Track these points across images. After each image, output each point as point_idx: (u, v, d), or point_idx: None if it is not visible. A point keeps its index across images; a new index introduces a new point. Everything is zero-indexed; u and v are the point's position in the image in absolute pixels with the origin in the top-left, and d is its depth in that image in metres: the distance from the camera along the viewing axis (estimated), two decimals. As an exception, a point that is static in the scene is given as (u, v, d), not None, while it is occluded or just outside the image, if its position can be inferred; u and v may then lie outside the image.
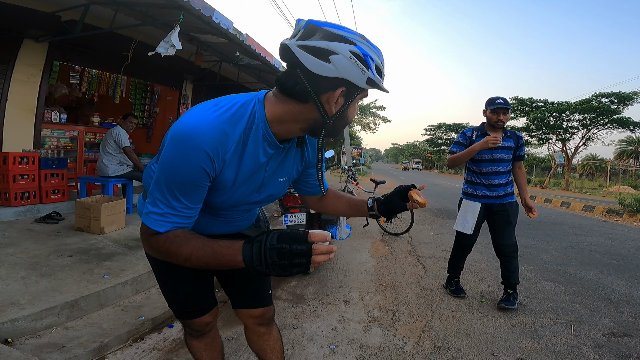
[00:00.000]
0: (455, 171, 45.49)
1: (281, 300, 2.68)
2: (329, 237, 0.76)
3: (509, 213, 2.70)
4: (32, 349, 1.73)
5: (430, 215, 7.25)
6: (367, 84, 0.80)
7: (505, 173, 2.72)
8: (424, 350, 2.07)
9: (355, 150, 25.34)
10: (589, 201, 10.99)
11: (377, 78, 0.81)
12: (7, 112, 4.16)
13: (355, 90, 0.82)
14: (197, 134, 0.78)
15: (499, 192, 2.70)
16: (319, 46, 0.76)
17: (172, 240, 0.83)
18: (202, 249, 0.81)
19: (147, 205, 0.85)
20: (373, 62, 0.80)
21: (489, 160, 2.69)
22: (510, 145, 2.70)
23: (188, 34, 4.63)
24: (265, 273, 0.74)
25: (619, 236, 5.98)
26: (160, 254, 0.87)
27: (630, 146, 30.79)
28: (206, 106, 0.84)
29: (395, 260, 3.88)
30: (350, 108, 0.86)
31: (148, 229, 0.85)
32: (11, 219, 3.69)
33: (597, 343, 2.21)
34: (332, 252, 0.73)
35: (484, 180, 2.73)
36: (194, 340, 1.29)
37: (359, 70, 0.78)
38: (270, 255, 0.72)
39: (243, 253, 0.76)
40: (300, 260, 0.72)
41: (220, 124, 0.81)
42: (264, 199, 1.04)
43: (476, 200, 2.77)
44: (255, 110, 0.86)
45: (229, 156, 0.84)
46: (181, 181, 0.81)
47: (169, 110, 7.32)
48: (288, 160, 1.01)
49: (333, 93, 0.81)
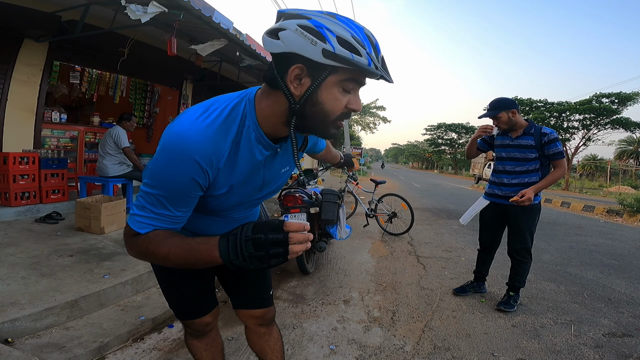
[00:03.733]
0: (455, 171, 45.54)
1: (281, 300, 2.68)
2: (307, 227, 0.73)
3: (519, 217, 2.58)
4: (32, 349, 1.73)
5: (430, 215, 7.25)
6: (326, 57, 0.71)
7: (520, 173, 2.57)
8: (424, 350, 2.07)
9: (355, 150, 25.32)
10: (589, 201, 10.99)
11: (341, 51, 0.71)
12: (7, 112, 4.16)
13: (317, 66, 0.73)
14: (188, 143, 0.75)
15: (509, 192, 2.59)
16: (273, 27, 0.75)
17: (152, 239, 0.80)
18: (179, 246, 0.78)
19: (133, 207, 0.83)
20: (333, 35, 0.71)
21: (502, 158, 2.65)
22: (529, 143, 2.54)
23: (188, 35, 4.63)
24: (243, 266, 0.72)
25: (619, 236, 5.98)
26: (140, 255, 0.84)
27: (630, 146, 30.79)
28: (197, 112, 0.80)
29: (395, 260, 3.87)
30: (322, 91, 0.76)
31: (130, 230, 0.83)
32: (11, 219, 3.69)
33: (597, 343, 2.21)
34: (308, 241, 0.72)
35: (496, 178, 2.71)
36: (194, 340, 1.28)
37: (307, 42, 0.71)
38: (246, 247, 0.71)
39: (219, 247, 0.74)
40: (277, 250, 0.70)
41: (212, 132, 0.78)
42: (266, 195, 1.02)
43: (486, 197, 2.77)
44: (246, 111, 0.84)
45: (222, 163, 0.82)
46: (170, 192, 0.78)
47: (169, 110, 7.32)
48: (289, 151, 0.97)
49: (290, 70, 0.75)
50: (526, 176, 2.58)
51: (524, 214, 2.58)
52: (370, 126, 40.17)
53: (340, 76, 0.75)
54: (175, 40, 3.76)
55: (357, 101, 0.80)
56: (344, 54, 0.71)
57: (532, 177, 2.57)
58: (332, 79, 0.75)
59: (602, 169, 27.08)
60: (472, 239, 5.05)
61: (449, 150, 45.52)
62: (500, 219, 2.74)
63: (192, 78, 7.05)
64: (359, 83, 0.78)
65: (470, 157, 2.95)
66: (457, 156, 44.17)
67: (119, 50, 4.48)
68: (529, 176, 2.57)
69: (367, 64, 0.72)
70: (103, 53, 5.03)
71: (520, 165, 2.57)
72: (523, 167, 2.57)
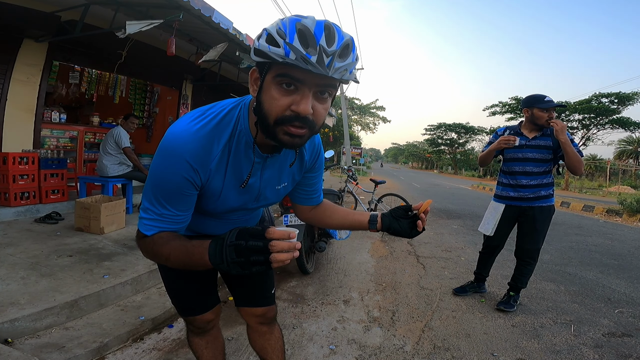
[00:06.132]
0: (455, 171, 45.55)
1: (281, 300, 2.68)
2: (293, 234, 0.70)
3: (536, 218, 2.55)
4: (32, 349, 1.73)
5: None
6: (255, 55, 0.73)
7: (538, 174, 2.53)
8: (424, 350, 2.07)
9: (355, 150, 25.34)
10: (589, 201, 10.99)
11: (262, 46, 0.70)
12: (7, 112, 4.16)
13: (260, 67, 0.76)
14: (179, 144, 0.80)
15: (526, 193, 2.55)
16: None
17: (156, 241, 0.85)
18: (178, 249, 0.82)
19: (140, 211, 0.88)
20: (266, 33, 0.71)
21: (518, 159, 2.58)
22: (547, 144, 2.51)
23: (188, 35, 4.63)
24: (228, 271, 0.72)
25: (619, 236, 5.99)
26: (149, 255, 0.89)
27: (630, 146, 30.82)
28: (193, 115, 0.84)
29: (395, 260, 3.87)
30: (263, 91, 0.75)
31: (139, 232, 0.89)
32: (11, 219, 3.69)
33: (597, 343, 2.21)
34: (295, 250, 0.69)
35: (510, 180, 2.63)
36: (195, 338, 1.29)
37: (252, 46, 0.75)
38: (229, 253, 0.70)
39: (209, 251, 0.75)
40: (257, 258, 0.69)
41: (203, 135, 0.81)
42: (262, 205, 1.04)
43: (500, 201, 2.70)
44: (240, 116, 0.86)
45: (214, 165, 0.85)
46: (166, 190, 0.83)
47: (169, 110, 7.32)
48: (285, 167, 0.98)
49: (249, 73, 0.81)
50: (544, 177, 2.56)
51: (541, 215, 2.56)
52: (370, 126, 40.19)
53: (273, 73, 0.73)
54: (174, 40, 3.76)
55: (302, 102, 0.72)
56: (263, 48, 0.70)
57: (549, 178, 2.57)
58: (268, 77, 0.74)
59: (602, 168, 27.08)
60: (472, 239, 5.05)
61: (449, 150, 45.53)
62: (511, 222, 2.70)
63: (191, 78, 7.04)
64: (295, 79, 0.71)
65: (484, 165, 2.93)
66: (457, 156, 44.18)
67: (118, 52, 4.48)
68: (546, 177, 2.56)
69: (283, 54, 0.68)
70: (103, 53, 5.03)
71: (538, 167, 2.54)
72: (541, 168, 2.54)
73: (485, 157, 2.73)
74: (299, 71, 0.69)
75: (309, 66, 0.68)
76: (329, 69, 0.69)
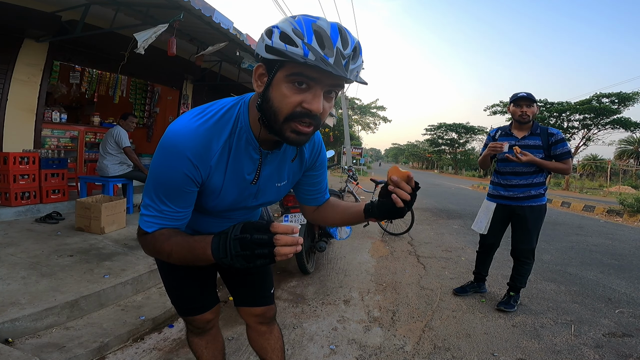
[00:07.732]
0: (455, 171, 45.52)
1: (281, 300, 2.68)
2: (296, 229, 0.73)
3: (527, 218, 2.57)
4: (33, 348, 1.73)
5: (430, 215, 7.25)
6: (267, 52, 0.73)
7: (528, 174, 2.57)
8: (424, 350, 2.07)
9: (355, 150, 25.32)
10: (589, 201, 10.98)
11: (277, 44, 0.71)
12: (8, 112, 4.17)
13: (269, 63, 0.76)
14: (180, 141, 0.80)
15: (517, 193, 2.58)
16: None
17: (158, 238, 0.86)
18: (180, 244, 0.83)
19: (141, 208, 0.89)
20: (279, 31, 0.72)
21: (508, 159, 2.60)
22: (536, 143, 2.55)
23: (188, 34, 4.64)
24: (231, 264, 0.73)
25: (619, 236, 5.98)
26: (150, 252, 0.90)
27: (630, 146, 30.78)
28: (194, 112, 0.85)
29: (395, 260, 3.87)
30: (272, 87, 0.76)
31: (140, 229, 0.90)
32: (11, 219, 3.69)
33: (598, 343, 2.21)
34: (298, 244, 0.72)
35: (501, 179, 2.67)
36: (195, 338, 1.29)
37: (261, 41, 0.75)
38: (233, 246, 0.72)
39: (212, 245, 0.76)
40: (262, 251, 0.71)
41: (204, 131, 0.82)
42: (262, 204, 1.04)
43: (492, 200, 2.74)
44: (240, 113, 0.87)
45: (214, 162, 0.86)
46: (167, 187, 0.84)
47: (169, 110, 7.32)
48: (285, 164, 0.99)
49: (254, 69, 0.81)
50: (534, 176, 2.58)
51: (532, 215, 2.57)
52: (370, 126, 40.19)
53: (286, 71, 0.74)
54: (175, 41, 3.76)
55: (315, 101, 0.74)
56: (279, 46, 0.71)
57: (540, 177, 2.59)
58: (280, 75, 0.75)
59: (603, 169, 27.06)
60: (472, 239, 5.05)
61: (449, 150, 45.50)
62: (505, 221, 2.73)
63: (192, 78, 7.05)
64: (310, 78, 0.73)
65: (485, 169, 2.98)
66: (457, 156, 44.14)
67: (120, 53, 4.48)
68: (537, 176, 2.58)
69: (302, 54, 0.69)
70: (103, 53, 5.03)
71: (528, 167, 2.56)
72: (531, 167, 2.56)
73: (482, 162, 2.79)
74: (314, 71, 0.71)
75: (329, 67, 0.69)
76: (346, 71, 0.72)
